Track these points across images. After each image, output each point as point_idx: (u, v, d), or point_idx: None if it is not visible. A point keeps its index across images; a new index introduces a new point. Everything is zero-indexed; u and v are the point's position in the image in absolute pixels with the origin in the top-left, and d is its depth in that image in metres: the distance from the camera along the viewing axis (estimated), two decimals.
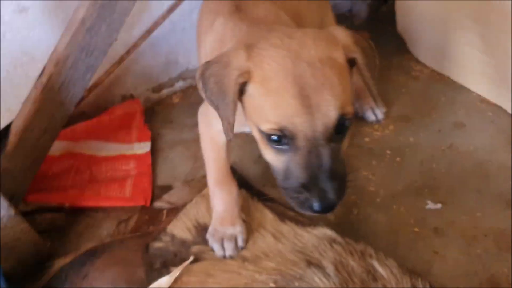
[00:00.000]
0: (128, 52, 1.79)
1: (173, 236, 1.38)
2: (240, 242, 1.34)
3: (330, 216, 1.51)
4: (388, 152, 1.72)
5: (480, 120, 1.82)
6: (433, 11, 1.92)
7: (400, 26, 2.18)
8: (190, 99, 2.08)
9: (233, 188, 1.37)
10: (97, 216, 1.58)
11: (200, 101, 2.02)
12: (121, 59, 1.79)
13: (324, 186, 0.93)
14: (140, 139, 1.78)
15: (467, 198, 1.54)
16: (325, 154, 0.93)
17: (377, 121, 1.84)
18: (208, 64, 1.01)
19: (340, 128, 0.95)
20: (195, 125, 1.89)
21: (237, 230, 1.34)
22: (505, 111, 1.84)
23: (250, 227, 1.38)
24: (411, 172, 1.64)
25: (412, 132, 1.79)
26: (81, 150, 1.71)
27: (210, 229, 1.36)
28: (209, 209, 1.42)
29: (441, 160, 1.67)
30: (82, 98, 1.76)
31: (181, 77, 2.12)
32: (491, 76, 1.82)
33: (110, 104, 1.94)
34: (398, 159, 1.69)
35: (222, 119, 1.01)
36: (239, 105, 1.00)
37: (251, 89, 0.97)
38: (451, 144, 1.73)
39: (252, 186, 1.62)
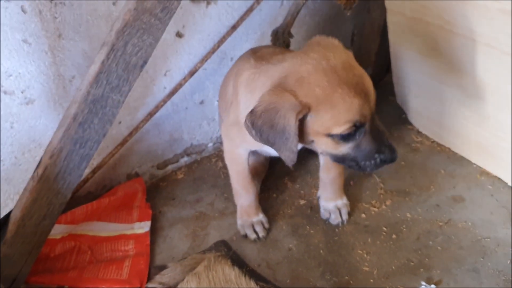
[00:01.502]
0: (130, 134, 1.87)
1: None
2: (266, 225, 1.76)
3: None
4: (384, 228, 1.71)
5: (479, 193, 1.80)
6: (427, 84, 1.95)
7: (399, 98, 2.22)
8: (195, 174, 2.14)
9: (253, 188, 1.74)
10: None
11: (203, 176, 2.09)
12: (124, 141, 1.87)
13: (389, 143, 1.27)
14: (140, 219, 1.82)
15: (463, 278, 1.51)
16: (379, 123, 1.27)
17: (342, 222, 1.74)
18: (255, 114, 1.23)
19: None
20: (197, 201, 1.98)
21: (261, 216, 1.76)
22: (505, 183, 1.82)
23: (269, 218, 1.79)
24: (406, 250, 1.62)
25: (409, 208, 1.78)
26: (82, 231, 1.76)
27: (240, 222, 1.76)
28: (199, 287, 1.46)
29: (438, 236, 1.66)
30: (87, 180, 1.85)
31: (186, 152, 2.19)
32: (488, 148, 1.82)
33: (116, 183, 2.01)
34: (394, 236, 1.68)
35: (280, 151, 1.26)
36: None
37: (314, 113, 1.21)
38: (449, 219, 1.72)
39: (246, 264, 1.64)
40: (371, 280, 1.54)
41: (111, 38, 1.36)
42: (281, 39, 2.00)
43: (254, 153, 1.82)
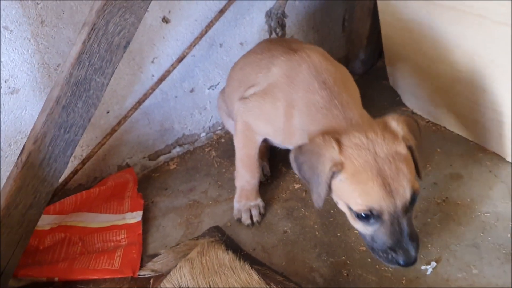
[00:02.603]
0: (119, 124, 1.84)
1: None
2: (262, 210, 1.75)
3: (319, 278, 1.47)
4: None
5: (477, 170, 1.77)
6: (420, 62, 1.91)
7: (392, 81, 2.19)
8: (187, 164, 2.10)
9: (257, 172, 1.73)
10: None
11: (196, 166, 2.06)
12: (113, 131, 1.83)
13: (407, 247, 1.25)
14: (132, 209, 1.79)
15: (463, 253, 1.48)
16: (404, 223, 1.25)
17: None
18: (300, 151, 1.34)
19: (412, 202, 1.25)
20: (190, 190, 1.94)
21: (258, 201, 1.76)
22: (503, 159, 1.78)
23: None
24: None
25: None
26: (73, 222, 1.73)
27: (237, 206, 1.75)
28: (192, 272, 1.43)
29: (436, 214, 1.62)
30: (76, 171, 1.81)
31: (177, 143, 2.15)
32: (485, 124, 1.78)
33: (106, 175, 1.98)
34: None
35: (312, 191, 1.33)
36: None
37: (342, 177, 1.26)
38: (447, 197, 1.68)
39: (241, 248, 1.60)
40: (368, 259, 1.51)
41: (91, 18, 1.33)
42: (275, 20, 1.97)
43: None
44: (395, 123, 1.32)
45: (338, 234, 1.60)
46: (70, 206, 1.71)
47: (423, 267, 1.45)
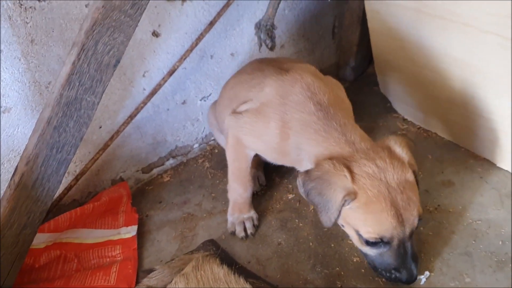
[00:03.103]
0: (112, 139, 1.84)
1: None
2: (256, 222, 1.75)
3: None
4: None
5: (469, 177, 1.78)
6: (409, 70, 1.93)
7: (383, 88, 2.20)
8: (181, 176, 2.10)
9: (249, 185, 1.73)
10: None
11: (190, 178, 2.06)
12: (106, 146, 1.84)
13: (410, 267, 1.33)
14: (127, 224, 1.79)
15: (456, 262, 1.49)
16: (409, 245, 1.32)
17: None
18: (309, 177, 1.34)
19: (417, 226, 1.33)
20: (184, 202, 1.95)
21: (252, 213, 1.76)
22: (494, 165, 1.80)
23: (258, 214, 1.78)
24: None
25: None
26: (68, 239, 1.73)
27: (230, 219, 1.75)
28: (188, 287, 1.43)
29: (428, 222, 1.63)
30: (70, 187, 1.81)
31: (171, 155, 2.16)
32: (476, 130, 1.80)
33: (100, 189, 1.98)
34: None
35: (320, 213, 1.35)
36: None
37: (354, 205, 1.29)
38: (439, 204, 1.69)
39: (236, 262, 1.61)
40: (362, 270, 1.52)
41: (80, 38, 1.33)
42: (265, 32, 1.97)
43: None
44: (399, 148, 1.36)
45: (332, 245, 1.62)
46: (64, 223, 1.71)
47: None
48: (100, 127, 1.87)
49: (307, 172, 1.37)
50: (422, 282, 1.44)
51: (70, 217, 1.72)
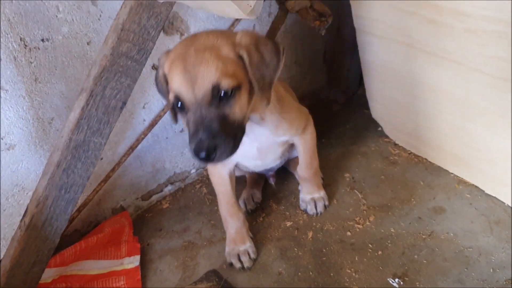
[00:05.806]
0: (113, 170, 1.88)
1: None
2: (252, 255, 1.77)
3: None
4: (370, 245, 1.75)
5: (459, 203, 1.85)
6: (401, 99, 2.00)
7: (374, 112, 2.26)
8: (180, 203, 2.15)
9: (240, 215, 1.79)
10: None
11: (188, 204, 2.10)
12: (107, 177, 1.88)
13: (201, 136, 1.22)
14: (130, 253, 1.83)
15: None
16: (205, 114, 1.23)
17: (317, 214, 1.93)
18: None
19: (218, 96, 1.24)
20: (184, 230, 1.99)
21: (247, 245, 1.78)
22: (482, 191, 1.88)
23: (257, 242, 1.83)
24: (393, 265, 1.66)
25: (392, 222, 1.82)
26: (72, 271, 1.76)
27: (227, 250, 1.79)
28: None
29: (422, 250, 1.69)
30: (73, 219, 1.85)
31: (169, 181, 2.20)
32: (463, 158, 1.87)
33: (101, 218, 2.01)
34: (380, 252, 1.71)
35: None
36: None
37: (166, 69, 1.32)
38: (431, 231, 1.76)
39: None
40: None
41: (89, 84, 1.38)
42: None
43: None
44: (240, 34, 1.32)
45: (331, 274, 1.67)
46: (70, 257, 1.75)
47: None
48: (102, 159, 1.90)
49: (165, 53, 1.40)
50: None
51: (75, 250, 1.76)
